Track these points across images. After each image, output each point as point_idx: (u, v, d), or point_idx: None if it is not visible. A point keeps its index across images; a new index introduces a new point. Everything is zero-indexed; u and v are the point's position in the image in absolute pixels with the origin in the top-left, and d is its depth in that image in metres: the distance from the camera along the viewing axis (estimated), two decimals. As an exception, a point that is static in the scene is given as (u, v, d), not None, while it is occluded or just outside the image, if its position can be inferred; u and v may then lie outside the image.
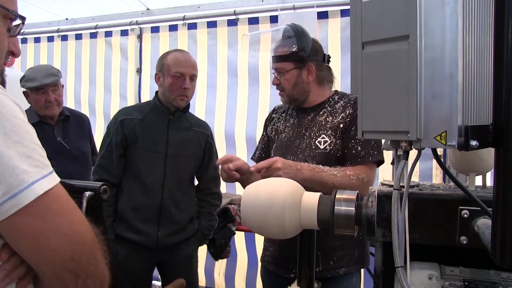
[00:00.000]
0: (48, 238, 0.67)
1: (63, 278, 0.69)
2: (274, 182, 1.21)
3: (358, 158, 1.61)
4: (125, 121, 2.17)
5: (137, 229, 2.14)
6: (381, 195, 0.90)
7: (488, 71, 0.68)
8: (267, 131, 1.93)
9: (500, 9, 0.60)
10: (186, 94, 2.15)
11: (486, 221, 0.79)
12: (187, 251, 2.29)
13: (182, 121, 2.25)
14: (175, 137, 2.20)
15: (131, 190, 2.17)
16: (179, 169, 2.23)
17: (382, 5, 0.70)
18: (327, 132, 1.68)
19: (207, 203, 2.38)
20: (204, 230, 2.34)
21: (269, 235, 1.22)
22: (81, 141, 2.66)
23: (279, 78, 1.74)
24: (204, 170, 2.34)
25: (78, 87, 3.78)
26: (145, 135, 2.16)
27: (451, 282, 0.87)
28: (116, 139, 2.15)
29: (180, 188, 2.24)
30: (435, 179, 2.75)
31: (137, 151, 2.15)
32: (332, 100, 1.77)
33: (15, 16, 0.81)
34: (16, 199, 0.64)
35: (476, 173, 0.98)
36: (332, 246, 1.62)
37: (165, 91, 2.15)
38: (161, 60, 2.20)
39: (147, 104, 2.29)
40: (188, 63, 2.16)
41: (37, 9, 3.37)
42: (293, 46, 1.69)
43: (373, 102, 0.73)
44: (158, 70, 2.20)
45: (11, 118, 0.66)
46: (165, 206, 2.17)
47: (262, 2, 3.07)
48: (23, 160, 0.65)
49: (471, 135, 0.63)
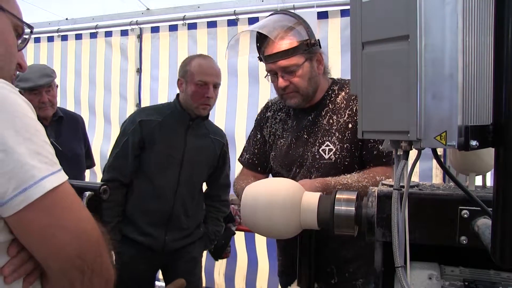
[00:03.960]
0: (55, 234, 0.69)
1: (70, 275, 0.71)
2: (274, 182, 1.21)
3: (382, 158, 1.45)
4: (144, 122, 2.10)
5: (144, 232, 2.12)
6: (381, 195, 0.90)
7: (488, 71, 0.68)
8: (262, 133, 1.73)
9: (500, 9, 0.60)
10: (209, 103, 2.10)
11: (486, 221, 0.79)
12: (192, 254, 2.28)
13: (201, 128, 2.21)
14: (192, 144, 2.16)
15: (142, 192, 2.13)
16: (193, 176, 2.20)
17: (382, 5, 0.69)
18: (332, 137, 1.49)
19: (216, 209, 2.37)
20: (210, 234, 2.33)
21: (269, 235, 1.21)
22: (75, 142, 2.63)
23: (289, 78, 1.48)
24: (216, 177, 2.31)
25: (78, 87, 3.78)
26: (163, 138, 2.10)
27: (451, 282, 0.87)
28: (134, 139, 2.09)
29: (191, 195, 2.22)
30: (435, 179, 2.75)
31: (153, 154, 2.10)
32: (332, 93, 1.57)
33: (25, 27, 0.86)
34: (26, 193, 0.65)
35: (476, 173, 0.98)
36: (346, 257, 1.53)
37: (187, 98, 2.10)
38: (184, 66, 2.14)
39: (167, 107, 2.23)
40: (212, 71, 2.10)
41: (37, 9, 3.37)
42: (302, 35, 1.44)
43: (373, 102, 0.73)
44: (180, 76, 2.14)
45: (22, 116, 0.68)
46: (175, 212, 2.15)
47: (262, 2, 3.07)
48: (33, 157, 0.67)
49: (471, 135, 0.63)
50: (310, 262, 1.33)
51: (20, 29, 0.86)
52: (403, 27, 0.66)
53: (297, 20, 1.48)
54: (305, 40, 1.45)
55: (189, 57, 2.21)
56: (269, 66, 1.51)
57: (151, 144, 2.10)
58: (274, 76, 1.53)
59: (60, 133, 2.55)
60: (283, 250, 1.69)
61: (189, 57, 2.22)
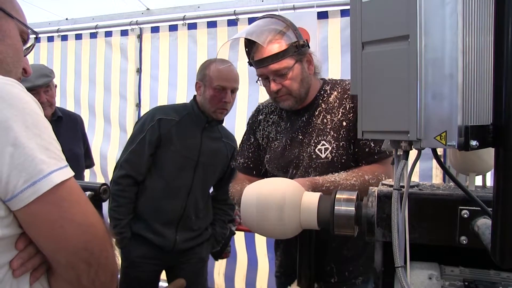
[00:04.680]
0: (63, 226, 0.71)
1: (77, 267, 0.73)
2: (274, 182, 1.21)
3: (374, 155, 1.45)
4: (163, 121, 2.10)
5: (155, 230, 2.12)
6: (381, 195, 0.90)
7: (488, 71, 0.68)
8: (255, 137, 1.72)
9: (500, 9, 0.60)
10: (226, 107, 2.12)
11: (486, 221, 0.79)
12: (201, 255, 2.29)
13: (215, 131, 2.22)
14: (207, 146, 2.17)
15: (155, 191, 2.13)
16: (206, 178, 2.21)
17: (382, 5, 0.70)
18: (327, 137, 1.50)
19: (223, 212, 2.38)
20: (217, 236, 2.35)
21: (269, 235, 1.21)
22: (73, 142, 2.62)
23: (281, 81, 1.49)
24: (225, 181, 2.30)
25: (77, 87, 3.78)
26: (180, 138, 2.11)
27: (451, 282, 0.87)
28: (151, 137, 2.08)
29: (203, 197, 2.23)
30: (435, 179, 2.75)
31: (169, 153, 2.10)
32: (324, 93, 1.57)
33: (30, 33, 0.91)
34: (35, 187, 0.68)
35: (476, 173, 0.98)
36: (346, 257, 1.54)
37: (205, 102, 2.10)
38: (203, 70, 2.14)
39: (184, 107, 2.23)
40: (231, 76, 2.10)
41: (37, 9, 3.37)
42: (290, 37, 1.46)
43: (373, 102, 0.73)
44: (199, 79, 2.15)
45: (31, 113, 0.71)
46: (187, 213, 2.16)
47: (262, 2, 3.08)
48: (42, 152, 0.70)
49: (471, 135, 0.63)
50: (310, 262, 1.33)
51: (26, 35, 0.90)
52: (403, 27, 0.66)
53: (284, 23, 1.49)
54: (294, 42, 1.46)
55: (208, 61, 2.21)
56: (260, 70, 1.52)
57: (167, 143, 2.10)
58: (265, 80, 1.54)
59: (59, 133, 2.51)
60: (283, 250, 1.69)
61: (208, 60, 2.23)
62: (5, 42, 0.84)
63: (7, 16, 0.85)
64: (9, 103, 0.69)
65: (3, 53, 0.83)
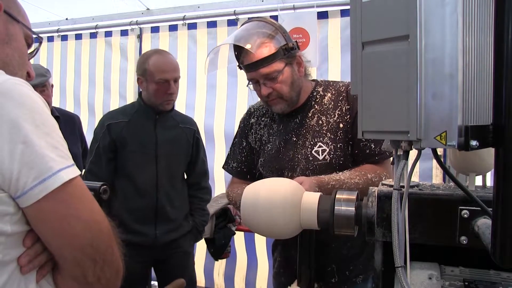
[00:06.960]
0: (70, 223, 0.72)
1: (83, 264, 0.74)
2: (274, 182, 1.21)
3: (375, 156, 1.45)
4: (111, 125, 2.16)
5: (134, 230, 2.14)
6: (381, 195, 0.90)
7: (488, 71, 0.68)
8: (248, 140, 1.70)
9: (500, 9, 0.60)
10: (172, 98, 2.16)
11: (486, 221, 0.79)
12: (184, 248, 2.31)
13: (168, 119, 2.26)
14: (163, 137, 2.21)
15: (125, 193, 2.17)
16: (171, 167, 2.24)
17: (382, 5, 0.69)
18: (324, 138, 1.49)
19: (198, 199, 2.40)
20: (198, 226, 2.37)
21: (269, 235, 1.21)
22: (71, 142, 2.63)
23: (271, 85, 1.48)
24: (193, 165, 2.36)
25: (77, 87, 3.78)
26: (133, 137, 2.16)
27: (451, 282, 0.87)
28: (104, 143, 2.15)
29: (173, 186, 2.26)
30: (435, 179, 2.75)
31: (127, 154, 2.16)
32: (317, 95, 1.56)
33: (35, 38, 0.94)
34: (45, 184, 0.69)
35: (476, 173, 0.98)
36: (347, 256, 1.54)
37: (151, 96, 2.15)
38: (142, 65, 2.16)
39: (131, 107, 2.29)
40: (170, 67, 2.13)
41: (37, 9, 3.37)
42: (279, 40, 1.45)
43: (373, 102, 0.73)
44: (139, 75, 2.18)
45: (41, 112, 0.73)
46: (160, 205, 2.19)
47: (262, 2, 3.08)
48: (51, 150, 0.71)
49: (471, 135, 0.63)
50: (310, 262, 1.33)
51: (30, 39, 0.93)
52: (403, 27, 0.66)
53: (273, 26, 1.48)
54: (283, 45, 1.45)
55: (145, 55, 2.22)
56: (250, 74, 1.51)
57: (123, 145, 2.16)
58: (256, 84, 1.53)
59: None
60: (283, 250, 1.69)
61: (145, 54, 2.25)
62: (12, 45, 0.86)
63: (13, 20, 0.87)
64: (19, 102, 0.70)
65: (9, 56, 0.86)
